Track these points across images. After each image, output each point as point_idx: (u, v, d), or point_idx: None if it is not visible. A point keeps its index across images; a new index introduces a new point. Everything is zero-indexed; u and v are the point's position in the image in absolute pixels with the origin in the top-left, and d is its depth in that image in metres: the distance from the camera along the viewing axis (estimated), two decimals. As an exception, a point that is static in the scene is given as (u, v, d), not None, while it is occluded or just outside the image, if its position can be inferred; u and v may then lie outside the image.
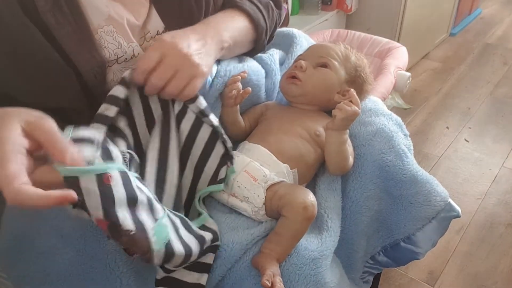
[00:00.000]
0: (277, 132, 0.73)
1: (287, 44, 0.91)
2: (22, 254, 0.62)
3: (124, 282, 0.59)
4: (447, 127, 1.86)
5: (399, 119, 0.79)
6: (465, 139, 1.78)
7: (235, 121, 0.76)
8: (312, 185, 0.75)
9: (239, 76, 0.72)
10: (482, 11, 2.93)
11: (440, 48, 2.49)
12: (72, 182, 0.43)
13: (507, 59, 2.37)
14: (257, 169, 0.67)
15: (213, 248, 0.62)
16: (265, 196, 0.66)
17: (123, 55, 0.65)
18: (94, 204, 0.45)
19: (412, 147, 0.78)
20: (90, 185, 0.44)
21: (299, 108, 0.79)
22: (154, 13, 0.66)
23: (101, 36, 0.61)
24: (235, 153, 0.71)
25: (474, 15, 2.84)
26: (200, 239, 0.59)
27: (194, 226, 0.61)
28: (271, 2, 0.81)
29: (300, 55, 0.82)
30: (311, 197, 0.64)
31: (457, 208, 0.77)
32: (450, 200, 0.76)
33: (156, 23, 0.67)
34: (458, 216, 0.77)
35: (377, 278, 1.02)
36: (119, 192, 0.47)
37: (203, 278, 0.61)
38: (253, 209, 0.66)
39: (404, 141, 0.75)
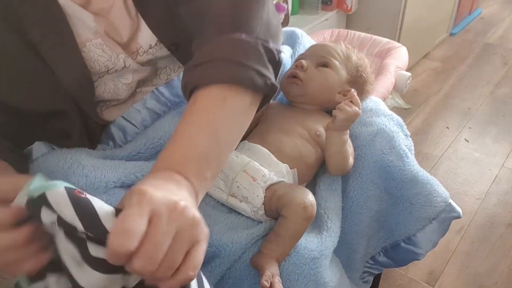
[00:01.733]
0: (277, 132, 0.73)
1: (290, 44, 0.91)
2: None
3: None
4: (447, 127, 1.85)
5: (400, 119, 0.79)
6: (465, 139, 1.78)
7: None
8: (312, 185, 0.74)
9: None
10: (482, 11, 2.92)
11: (440, 48, 2.49)
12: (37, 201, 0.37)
13: (507, 59, 2.36)
14: (256, 169, 0.67)
15: None
16: (264, 196, 0.66)
17: (113, 67, 0.64)
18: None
19: (413, 148, 0.78)
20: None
21: (299, 108, 0.78)
22: (144, 26, 0.65)
23: (90, 49, 0.61)
24: (234, 153, 0.71)
25: (474, 15, 2.84)
26: None
27: None
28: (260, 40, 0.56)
29: (301, 54, 0.82)
30: (310, 197, 0.64)
31: (458, 208, 0.77)
32: (450, 200, 0.76)
33: (148, 36, 0.66)
34: (458, 217, 0.76)
35: (377, 278, 1.02)
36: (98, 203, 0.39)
37: None
38: (252, 209, 0.66)
39: (405, 142, 0.75)
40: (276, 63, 0.57)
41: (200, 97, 0.53)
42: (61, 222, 0.37)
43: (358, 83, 0.79)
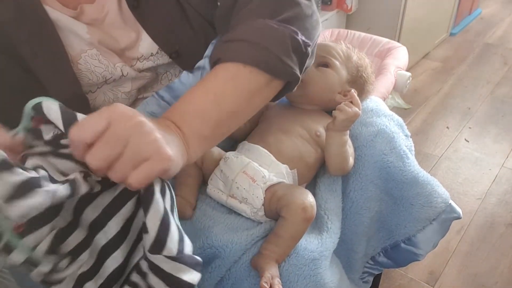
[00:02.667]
0: (276, 132, 0.73)
1: None
2: None
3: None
4: (447, 127, 1.85)
5: (400, 119, 0.79)
6: (465, 139, 1.78)
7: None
8: (312, 186, 0.74)
9: None
10: (482, 11, 2.92)
11: (440, 48, 2.49)
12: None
13: (507, 59, 2.36)
14: (256, 170, 0.67)
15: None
16: (264, 197, 0.66)
17: (111, 76, 0.64)
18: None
19: (413, 148, 0.78)
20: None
21: (299, 108, 0.78)
22: (145, 35, 0.65)
23: (86, 60, 0.60)
24: (234, 154, 0.71)
25: (474, 15, 2.84)
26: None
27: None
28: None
29: (301, 55, 0.82)
30: (310, 198, 0.64)
31: (458, 209, 0.77)
32: (451, 201, 0.76)
33: (149, 45, 0.66)
34: (459, 217, 0.76)
35: (377, 278, 1.02)
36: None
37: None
38: (252, 210, 0.66)
39: (405, 142, 0.75)
40: (302, 54, 0.59)
41: (216, 69, 0.56)
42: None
43: (359, 83, 0.79)
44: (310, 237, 0.66)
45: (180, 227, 0.46)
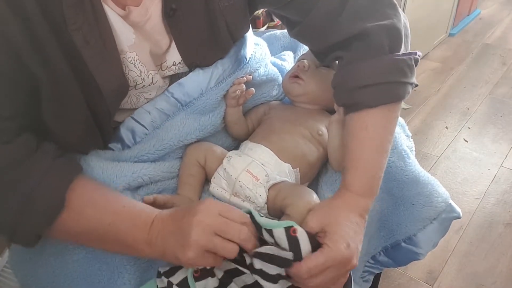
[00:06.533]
0: (279, 132, 0.74)
1: (293, 47, 0.92)
2: (32, 254, 0.62)
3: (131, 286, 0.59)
4: (446, 127, 1.86)
5: (401, 119, 0.80)
6: (464, 139, 1.79)
7: (238, 121, 0.76)
8: (314, 186, 0.75)
9: (244, 78, 0.73)
10: (481, 11, 2.93)
11: (439, 48, 2.50)
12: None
13: (506, 59, 2.37)
14: (259, 169, 0.68)
15: None
16: (267, 196, 0.66)
17: (141, 82, 0.64)
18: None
19: (414, 148, 0.78)
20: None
21: (301, 107, 0.79)
22: (173, 46, 0.66)
23: (123, 62, 0.61)
24: (237, 153, 0.71)
25: (473, 15, 2.84)
26: None
27: None
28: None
29: (303, 54, 0.83)
30: (315, 197, 0.64)
31: (458, 209, 0.77)
32: (451, 201, 0.76)
33: (174, 55, 0.67)
34: (458, 217, 0.77)
35: (377, 277, 1.02)
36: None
37: None
38: (255, 208, 0.67)
39: (406, 142, 0.76)
40: (417, 63, 0.66)
41: (371, 122, 0.64)
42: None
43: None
44: (312, 236, 0.66)
45: None
